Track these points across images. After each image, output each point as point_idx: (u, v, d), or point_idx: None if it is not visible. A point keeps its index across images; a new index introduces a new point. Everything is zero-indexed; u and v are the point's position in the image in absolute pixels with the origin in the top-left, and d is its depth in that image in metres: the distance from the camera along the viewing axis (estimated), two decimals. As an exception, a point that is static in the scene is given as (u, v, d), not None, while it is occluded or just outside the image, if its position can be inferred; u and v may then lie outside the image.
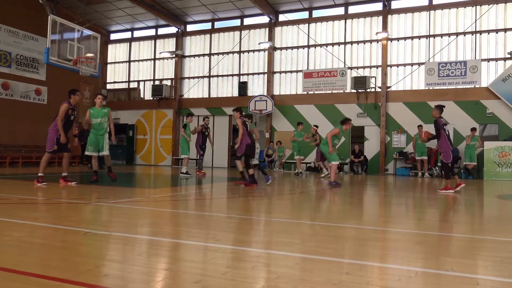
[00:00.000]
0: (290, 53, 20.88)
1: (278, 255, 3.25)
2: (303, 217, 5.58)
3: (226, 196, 8.21)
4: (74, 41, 14.34)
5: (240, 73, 21.80)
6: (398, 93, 18.56)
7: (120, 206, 5.88)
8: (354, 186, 10.96)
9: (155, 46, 24.00)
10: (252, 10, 20.96)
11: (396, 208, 6.91)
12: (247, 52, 21.72)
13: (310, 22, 20.44)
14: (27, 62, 20.12)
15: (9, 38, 19.31)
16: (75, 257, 3.03)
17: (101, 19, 23.23)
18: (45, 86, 20.85)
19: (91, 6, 21.31)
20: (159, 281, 2.54)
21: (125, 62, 24.89)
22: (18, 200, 6.47)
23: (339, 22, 19.95)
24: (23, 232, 3.97)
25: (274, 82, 20.97)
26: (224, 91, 22.22)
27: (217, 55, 22.34)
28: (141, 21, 23.40)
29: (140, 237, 3.88)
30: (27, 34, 20.02)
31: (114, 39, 25.27)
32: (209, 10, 21.47)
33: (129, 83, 24.75)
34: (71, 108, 8.61)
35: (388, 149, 18.47)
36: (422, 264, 3.09)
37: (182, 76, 23.12)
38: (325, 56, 20.11)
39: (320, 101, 19.55)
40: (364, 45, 19.51)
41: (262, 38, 21.23)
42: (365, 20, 19.50)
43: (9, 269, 2.59)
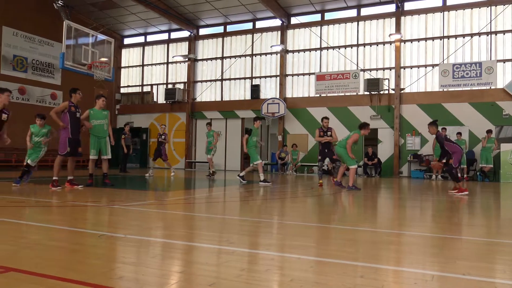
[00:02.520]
0: (302, 56, 20.86)
1: (292, 258, 3.23)
2: (317, 220, 5.55)
3: (239, 199, 8.21)
4: (89, 46, 14.52)
5: (253, 76, 21.84)
6: (412, 95, 18.39)
7: (134, 209, 5.92)
8: (368, 189, 10.86)
9: (168, 50, 24.19)
10: (264, 13, 21.00)
11: (411, 211, 6.83)
12: (259, 55, 21.75)
13: (323, 25, 20.40)
14: (42, 67, 20.45)
15: (25, 44, 19.66)
16: (91, 259, 3.05)
17: (115, 24, 23.50)
18: (60, 91, 21.15)
19: (105, 11, 21.58)
20: (173, 283, 2.55)
21: (139, 66, 25.13)
22: (34, 203, 6.56)
23: (352, 24, 19.87)
24: (39, 234, 4.02)
25: (286, 84, 20.96)
26: (236, 94, 22.27)
27: (230, 58, 22.41)
28: (154, 25, 23.61)
29: (154, 240, 3.90)
30: (42, 40, 20.35)
31: (127, 44, 25.54)
32: (221, 14, 21.57)
33: (142, 87, 24.98)
34: (74, 106, 8.66)
35: (402, 151, 18.31)
36: (438, 267, 3.04)
37: (195, 79, 23.25)
38: (338, 59, 20.04)
39: (333, 103, 19.47)
40: (377, 47, 19.40)
41: (274, 41, 21.24)
42: (378, 22, 19.39)
43: (27, 271, 2.62)
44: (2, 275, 2.53)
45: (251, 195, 8.96)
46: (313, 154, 19.83)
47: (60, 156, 8.55)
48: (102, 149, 9.26)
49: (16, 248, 3.35)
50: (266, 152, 23.61)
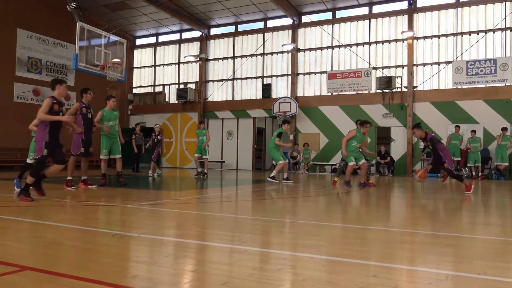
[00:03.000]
0: (313, 54, 20.78)
1: (304, 257, 3.22)
2: (329, 219, 5.53)
3: (251, 198, 8.21)
4: (101, 47, 14.66)
5: (264, 75, 21.83)
6: (425, 93, 18.20)
7: (147, 208, 5.96)
8: (380, 188, 10.79)
9: (180, 50, 24.30)
10: (275, 12, 20.96)
11: (424, 210, 6.77)
12: (271, 54, 21.73)
13: (334, 23, 20.29)
14: (56, 69, 20.71)
15: (39, 46, 19.92)
16: (104, 258, 3.08)
17: (127, 25, 23.68)
18: (73, 92, 21.38)
19: (117, 13, 21.76)
20: (186, 282, 2.56)
21: (151, 66, 25.29)
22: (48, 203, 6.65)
23: (363, 22, 19.73)
24: (54, 233, 4.08)
25: (298, 83, 20.91)
26: (248, 94, 22.28)
27: (241, 57, 22.43)
28: (165, 26, 23.74)
29: (167, 239, 3.92)
30: (56, 41, 20.60)
31: (139, 44, 25.72)
32: (232, 14, 21.60)
33: (154, 87, 25.14)
34: (85, 106, 8.71)
35: (415, 150, 18.14)
36: (453, 267, 3.01)
37: (206, 79, 23.32)
38: (350, 57, 19.92)
39: (345, 102, 19.37)
40: (389, 45, 19.24)
41: (285, 40, 21.19)
42: (390, 19, 19.22)
43: (42, 269, 2.66)
44: (19, 274, 2.57)
45: (263, 194, 8.96)
46: (325, 153, 19.77)
47: (73, 156, 8.60)
48: (114, 148, 9.37)
49: (32, 247, 3.40)
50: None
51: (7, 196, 7.27)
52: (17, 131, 18.54)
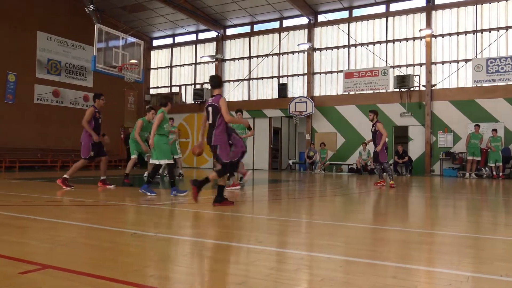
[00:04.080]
0: (330, 54, 20.66)
1: (321, 257, 3.21)
2: (346, 219, 5.49)
3: (268, 198, 8.21)
4: (119, 49, 14.83)
5: (280, 75, 21.79)
6: (444, 91, 17.92)
7: (165, 208, 6.01)
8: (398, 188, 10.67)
9: (196, 51, 24.43)
10: (291, 12, 20.91)
11: (444, 210, 6.66)
12: (287, 53, 21.68)
13: (350, 22, 20.14)
14: (75, 70, 21.04)
15: (59, 48, 20.27)
16: (123, 257, 3.12)
17: (144, 26, 23.92)
18: (92, 93, 21.68)
19: (135, 14, 21.99)
20: (204, 282, 2.57)
21: (167, 67, 25.49)
22: (68, 202, 6.76)
23: (380, 20, 19.53)
24: (73, 232, 4.14)
25: (314, 83, 20.81)
26: (264, 93, 22.28)
27: (257, 57, 22.44)
28: (182, 26, 23.90)
29: (184, 239, 3.95)
30: (75, 43, 20.93)
31: (156, 45, 25.95)
32: (248, 14, 21.62)
33: (171, 87, 25.33)
34: (97, 111, 8.80)
35: (434, 149, 17.87)
36: (474, 269, 2.96)
37: (222, 79, 23.39)
38: (366, 56, 19.74)
39: (362, 101, 19.19)
40: (406, 43, 19.00)
41: (301, 39, 21.12)
42: (407, 17, 18.98)
43: (63, 268, 2.71)
44: (40, 272, 2.62)
45: (280, 194, 8.94)
46: (341, 153, 19.64)
47: (82, 160, 8.61)
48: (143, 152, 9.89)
49: (53, 246, 3.46)
50: (294, 151, 23.55)
51: (27, 195, 7.41)
52: (37, 132, 18.94)
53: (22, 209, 5.56)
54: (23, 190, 8.52)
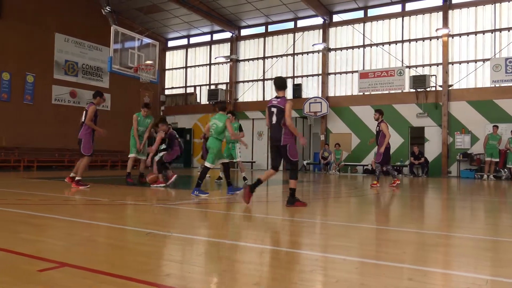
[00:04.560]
0: (345, 54, 20.54)
1: (336, 258, 3.19)
2: (361, 220, 5.45)
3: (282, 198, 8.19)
4: (135, 50, 14.97)
5: (294, 75, 21.74)
6: (461, 92, 17.66)
7: (179, 208, 6.04)
8: (414, 189, 10.55)
9: (211, 52, 24.53)
10: (305, 12, 20.85)
11: (461, 212, 6.57)
12: (301, 54, 21.63)
13: (366, 21, 20.00)
14: (92, 71, 21.31)
15: (76, 49, 20.56)
16: (139, 256, 3.14)
17: (159, 27, 24.11)
18: (108, 93, 21.95)
19: (150, 15, 22.19)
20: (218, 282, 2.58)
21: (182, 68, 25.65)
22: (84, 201, 6.85)
23: (396, 20, 19.35)
24: (90, 231, 4.19)
25: (328, 83, 20.71)
26: (278, 94, 22.22)
27: (271, 58, 22.43)
28: (196, 27, 24.03)
29: (199, 238, 3.96)
30: (92, 45, 21.21)
31: (171, 46, 26.13)
32: (262, 14, 21.63)
33: (186, 88, 25.48)
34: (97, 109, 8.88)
35: (450, 150, 17.62)
36: (492, 272, 2.91)
37: (237, 80, 23.44)
38: (382, 56, 19.58)
39: (377, 101, 19.02)
40: (423, 43, 18.78)
41: (316, 39, 21.04)
42: (423, 16, 18.77)
43: (79, 266, 2.74)
44: (58, 270, 2.66)
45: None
46: (356, 154, 19.50)
47: (87, 157, 8.67)
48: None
49: (69, 245, 3.51)
50: (309, 151, 23.45)
51: (45, 194, 7.53)
52: (55, 132, 19.23)
53: (40, 208, 5.65)
54: (41, 189, 8.66)
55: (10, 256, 3.01)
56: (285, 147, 6.23)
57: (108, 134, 9.22)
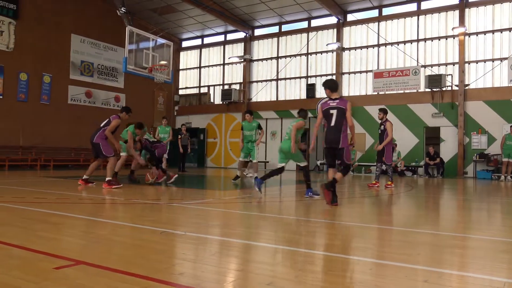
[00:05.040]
0: (359, 53, 20.40)
1: (351, 259, 3.17)
2: (375, 221, 5.41)
3: (295, 199, 8.18)
4: (149, 50, 15.08)
5: (308, 75, 21.67)
6: (478, 91, 17.39)
7: (193, 207, 6.07)
8: (429, 190, 10.43)
9: (224, 52, 24.59)
10: (319, 12, 20.77)
11: (477, 214, 6.47)
12: (315, 53, 21.54)
13: (380, 21, 19.83)
14: (107, 71, 21.54)
15: (91, 50, 20.81)
16: (153, 255, 3.17)
17: (174, 28, 24.26)
18: (123, 94, 22.18)
19: (164, 16, 22.34)
20: (232, 281, 2.59)
21: (196, 68, 25.77)
22: (100, 200, 6.93)
23: (411, 19, 19.15)
24: (105, 230, 4.24)
25: (343, 83, 20.59)
26: (292, 94, 22.21)
27: (285, 58, 22.39)
28: (210, 28, 24.11)
29: (213, 238, 3.98)
30: (107, 45, 21.44)
31: (185, 46, 26.27)
32: (276, 14, 21.61)
33: (199, 88, 25.59)
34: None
35: (467, 151, 17.36)
36: (510, 274, 2.86)
37: (251, 80, 23.46)
38: (397, 55, 19.39)
39: (392, 101, 18.85)
40: (439, 42, 18.55)
41: (330, 39, 20.94)
42: (439, 15, 18.53)
43: (95, 264, 2.78)
44: (74, 267, 2.70)
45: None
46: (371, 154, 19.34)
47: (112, 158, 8.88)
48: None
49: (86, 243, 3.56)
50: (322, 151, 23.33)
51: (62, 193, 7.64)
52: (71, 132, 19.48)
53: (57, 206, 5.74)
54: (58, 188, 8.79)
55: (27, 254, 3.06)
56: (343, 149, 6.31)
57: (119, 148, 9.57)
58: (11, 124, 17.47)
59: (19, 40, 17.86)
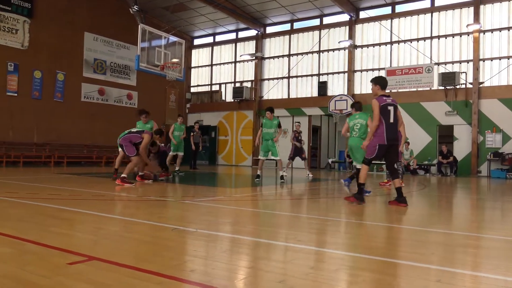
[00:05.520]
0: (371, 51, 20.24)
1: (362, 258, 3.15)
2: (387, 220, 5.36)
3: (307, 196, 8.16)
4: (161, 48, 15.13)
5: (320, 73, 21.57)
6: (493, 89, 17.14)
7: (204, 204, 6.09)
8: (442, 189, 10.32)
9: (236, 49, 24.60)
10: (331, 9, 20.65)
11: (491, 213, 6.38)
12: (327, 51, 21.43)
13: (393, 18, 19.65)
14: (119, 69, 21.70)
15: (104, 48, 20.97)
16: (164, 251, 3.19)
17: (185, 26, 24.33)
18: (135, 91, 22.33)
19: (176, 14, 22.41)
20: (243, 278, 2.59)
21: (208, 66, 25.82)
22: (112, 197, 6.99)
23: (425, 16, 18.94)
24: (117, 226, 4.28)
25: (354, 81, 20.47)
26: (303, 92, 22.14)
27: (296, 55, 22.32)
28: (222, 25, 24.13)
29: (224, 235, 3.98)
30: (119, 43, 21.59)
31: (197, 44, 26.34)
32: (288, 11, 21.54)
33: (211, 86, 25.64)
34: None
35: (480, 149, 17.14)
36: (525, 275, 2.81)
37: (262, 77, 23.43)
38: (410, 52, 19.20)
39: (405, 99, 18.67)
40: (453, 39, 18.31)
41: (342, 36, 20.82)
42: (454, 12, 18.29)
43: (106, 259, 2.80)
44: (86, 263, 2.72)
45: (318, 193, 8.87)
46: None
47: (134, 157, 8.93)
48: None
49: (97, 238, 3.59)
50: (334, 149, 23.25)
51: (75, 190, 7.72)
52: (84, 129, 19.69)
53: (70, 203, 5.80)
54: (71, 184, 8.89)
55: (41, 249, 3.10)
56: (397, 146, 6.30)
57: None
58: (25, 121, 17.71)
59: (34, 38, 18.07)
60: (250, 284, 2.47)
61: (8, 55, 17.29)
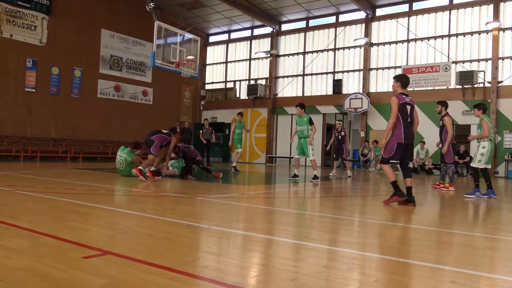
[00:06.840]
0: (388, 49, 20.04)
1: (375, 257, 3.13)
2: (401, 219, 5.32)
3: (320, 195, 8.13)
4: (177, 45, 15.23)
5: (335, 70, 21.44)
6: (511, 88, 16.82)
7: (218, 201, 6.12)
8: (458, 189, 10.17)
9: (251, 47, 24.59)
10: (347, 6, 20.50)
11: (508, 214, 6.28)
12: (342, 49, 21.29)
13: (410, 15, 19.41)
14: (135, 66, 21.89)
15: (120, 45, 21.18)
16: (178, 247, 3.21)
17: (201, 23, 24.41)
18: (150, 88, 22.51)
19: (192, 11, 22.50)
20: (255, 276, 2.59)
21: (222, 63, 25.87)
22: (127, 193, 7.06)
23: (443, 14, 18.66)
24: (131, 221, 4.32)
25: (370, 79, 20.30)
26: (318, 89, 22.03)
27: (311, 53, 22.22)
28: (237, 23, 24.14)
29: (237, 232, 4.00)
30: (136, 40, 21.77)
31: (212, 41, 26.41)
32: (303, 9, 21.44)
33: (226, 83, 25.70)
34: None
35: (498, 150, 16.85)
36: (542, 278, 2.76)
37: (277, 75, 23.39)
38: (427, 51, 18.95)
39: (421, 98, 18.44)
40: (471, 37, 18.02)
41: (358, 34, 20.65)
42: (472, 9, 17.99)
43: (120, 254, 2.83)
44: (101, 257, 2.76)
45: (332, 191, 8.83)
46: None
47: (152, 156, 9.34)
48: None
49: (113, 233, 3.64)
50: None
51: (90, 185, 7.82)
52: (100, 125, 19.93)
53: (86, 197, 5.88)
54: (87, 179, 9.01)
55: (57, 242, 3.15)
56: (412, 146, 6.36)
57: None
58: (43, 116, 18.00)
59: (52, 35, 18.34)
60: (263, 281, 2.47)
61: (27, 51, 17.58)
